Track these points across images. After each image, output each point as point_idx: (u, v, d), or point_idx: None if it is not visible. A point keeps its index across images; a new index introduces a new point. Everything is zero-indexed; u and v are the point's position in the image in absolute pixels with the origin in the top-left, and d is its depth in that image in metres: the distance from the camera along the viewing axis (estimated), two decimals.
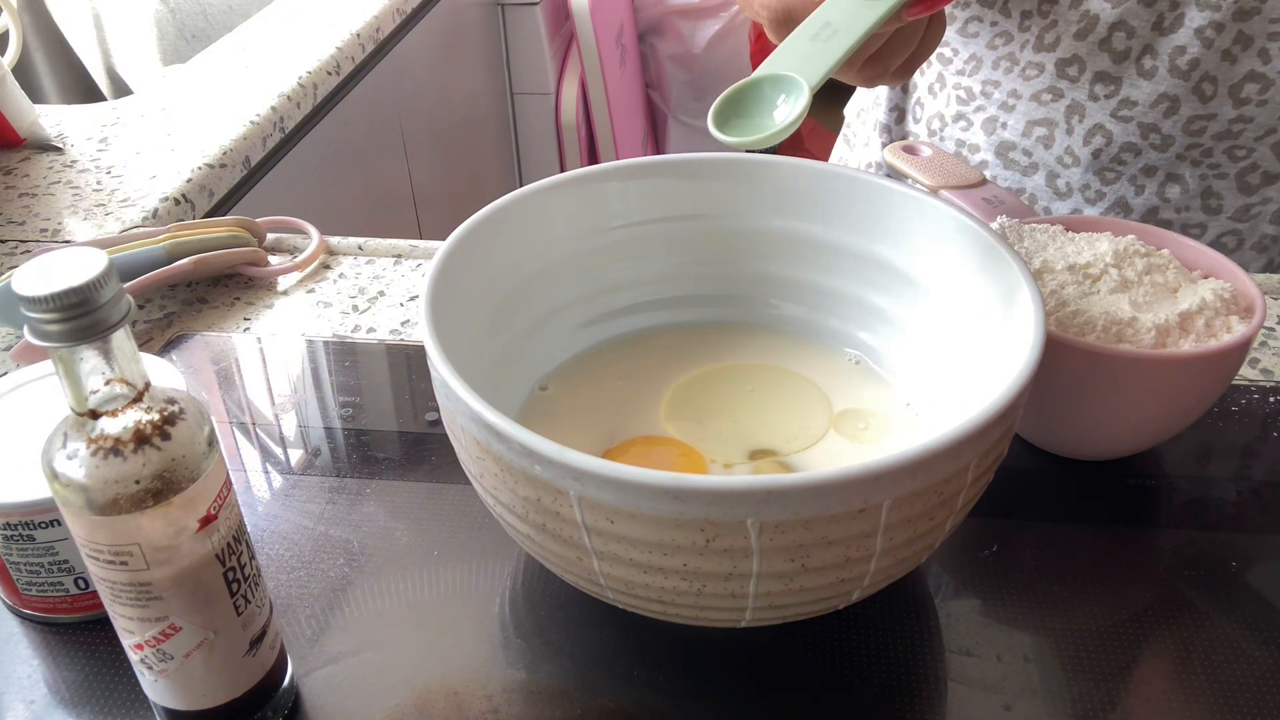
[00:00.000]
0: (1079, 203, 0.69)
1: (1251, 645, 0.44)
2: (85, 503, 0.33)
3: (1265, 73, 0.61)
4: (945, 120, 0.73)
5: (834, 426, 0.49)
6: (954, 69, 0.71)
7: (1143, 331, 0.47)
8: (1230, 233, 0.67)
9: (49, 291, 0.31)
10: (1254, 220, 0.66)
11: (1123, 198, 0.67)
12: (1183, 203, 0.66)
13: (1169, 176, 0.66)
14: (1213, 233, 0.67)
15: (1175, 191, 0.66)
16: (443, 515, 0.50)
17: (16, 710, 0.43)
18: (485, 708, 0.42)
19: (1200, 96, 0.62)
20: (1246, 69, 0.61)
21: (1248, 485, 0.52)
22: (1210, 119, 0.63)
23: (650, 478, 0.34)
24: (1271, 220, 0.66)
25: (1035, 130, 0.68)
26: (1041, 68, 0.66)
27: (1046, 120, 0.67)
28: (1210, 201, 0.66)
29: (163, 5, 1.33)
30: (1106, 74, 0.64)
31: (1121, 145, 0.65)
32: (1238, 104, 0.62)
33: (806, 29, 0.45)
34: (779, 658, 0.44)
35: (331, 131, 1.09)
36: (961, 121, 0.72)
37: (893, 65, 0.52)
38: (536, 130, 1.79)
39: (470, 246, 0.47)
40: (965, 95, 0.71)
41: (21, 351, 0.59)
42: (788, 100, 0.42)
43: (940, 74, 0.73)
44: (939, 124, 0.74)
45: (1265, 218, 0.66)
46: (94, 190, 0.79)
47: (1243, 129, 0.63)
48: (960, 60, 0.71)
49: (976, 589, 0.47)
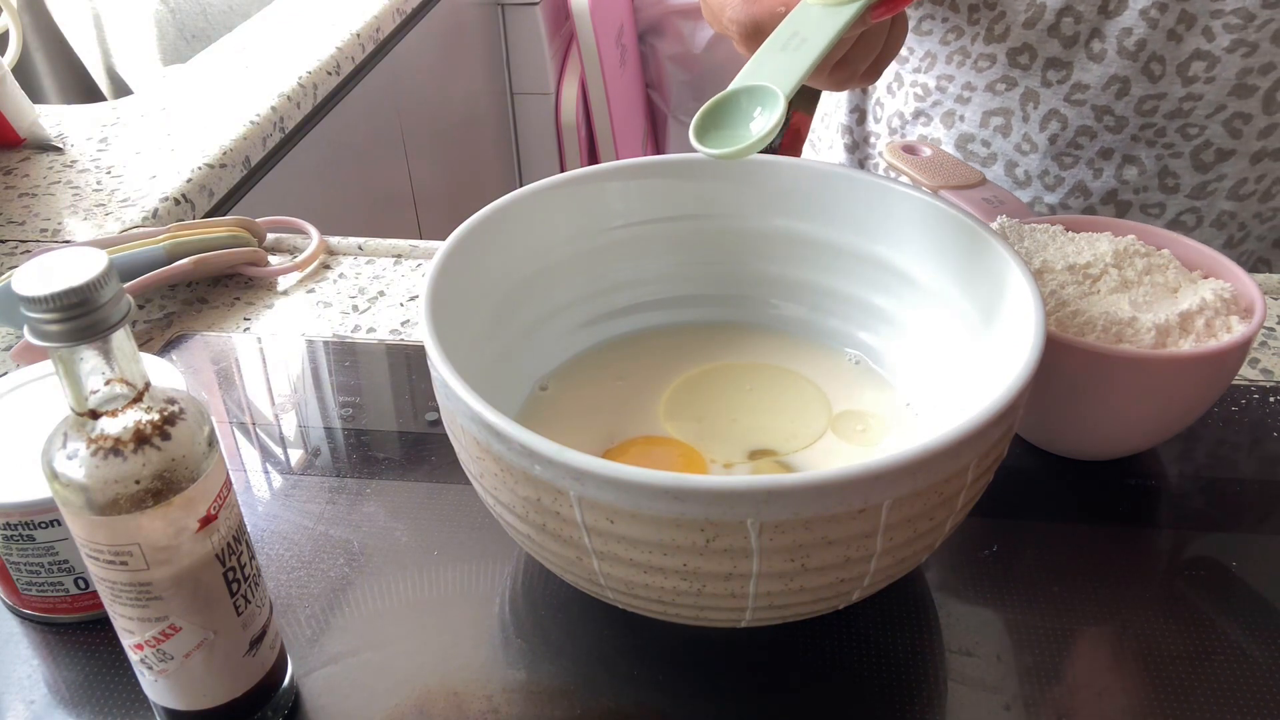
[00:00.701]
0: (1039, 190, 0.70)
1: (1251, 645, 0.44)
2: (85, 503, 0.33)
3: (1210, 50, 0.62)
4: (905, 118, 0.75)
5: (832, 428, 0.49)
6: (910, 67, 0.73)
7: (1143, 331, 0.47)
8: (1189, 210, 0.68)
9: (49, 291, 0.31)
10: (1211, 197, 0.67)
11: (1081, 182, 0.68)
12: (1140, 183, 0.68)
13: (1125, 158, 0.67)
14: (1171, 211, 0.68)
15: (1133, 173, 0.67)
16: (443, 515, 0.50)
17: (16, 710, 0.43)
18: (485, 708, 0.42)
19: (1150, 76, 0.63)
20: (1192, 47, 0.62)
21: (1248, 485, 0.52)
22: (1161, 98, 0.64)
23: (650, 478, 0.34)
24: (1228, 196, 0.67)
25: (992, 120, 0.69)
26: (993, 59, 0.67)
27: (1002, 110, 0.69)
28: (1167, 181, 0.67)
29: (163, 5, 1.33)
30: (1057, 59, 0.65)
31: (1077, 129, 0.67)
32: (1186, 82, 0.63)
33: (776, 40, 0.46)
34: (779, 658, 0.44)
35: (331, 131, 1.09)
36: (921, 118, 0.73)
37: (860, 68, 0.54)
38: (536, 130, 1.79)
39: (470, 246, 0.47)
40: (922, 92, 0.72)
41: (21, 351, 0.59)
42: (764, 111, 0.43)
43: (897, 73, 0.74)
44: (899, 122, 0.75)
45: (1222, 194, 0.67)
46: (94, 190, 0.79)
47: (1193, 107, 0.64)
48: (916, 58, 0.72)
49: (976, 589, 0.47)
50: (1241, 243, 0.70)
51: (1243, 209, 0.68)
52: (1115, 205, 0.69)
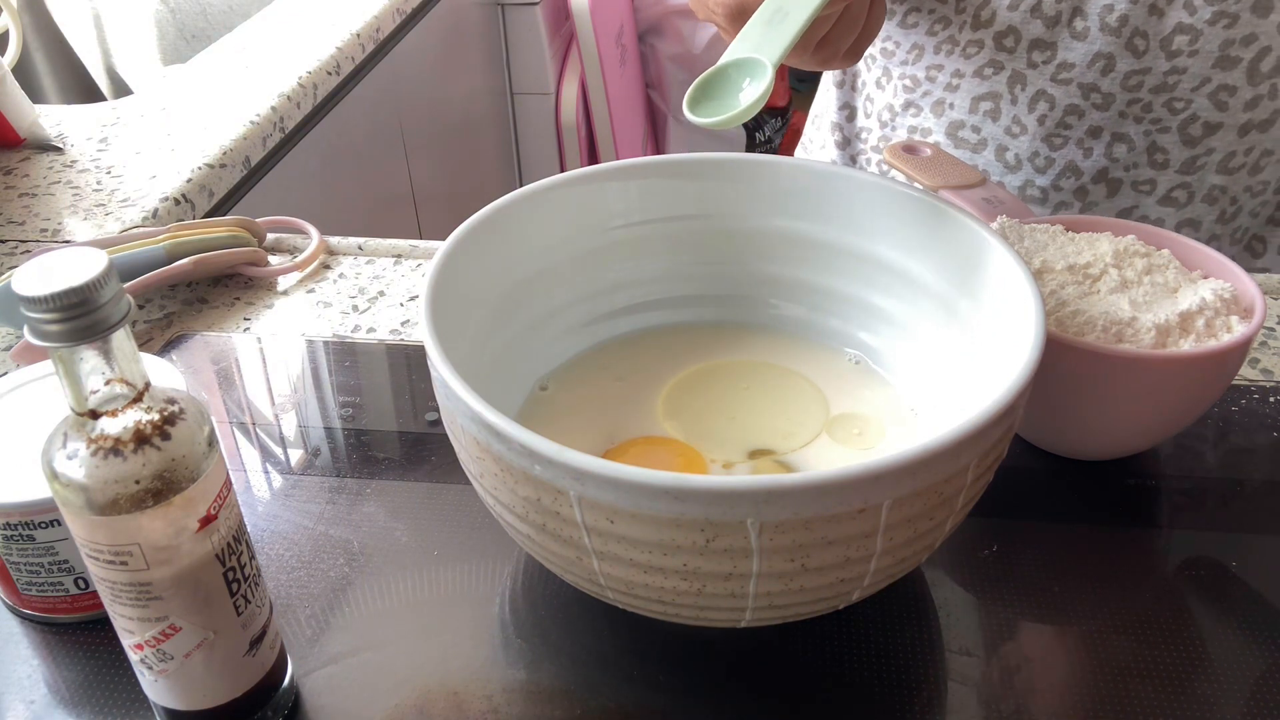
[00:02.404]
0: (1029, 174, 0.70)
1: (1251, 645, 0.44)
2: (85, 503, 0.33)
3: (1193, 24, 0.62)
4: (895, 110, 0.75)
5: (828, 433, 0.49)
6: (898, 60, 0.74)
7: (1143, 331, 0.47)
8: (1180, 186, 0.68)
9: (49, 291, 0.31)
10: (1201, 171, 0.68)
11: (1072, 161, 0.69)
12: (1130, 160, 0.68)
13: (1114, 136, 0.67)
14: (1163, 188, 0.69)
15: (1122, 150, 0.68)
16: (443, 515, 0.50)
17: (16, 710, 0.43)
18: (485, 708, 0.42)
19: (1134, 52, 0.64)
20: (1174, 21, 0.62)
21: (1248, 485, 0.52)
22: (1145, 73, 0.64)
23: (650, 478, 0.34)
24: (1218, 170, 0.68)
25: (981, 105, 0.70)
26: (981, 44, 0.68)
27: (991, 94, 0.69)
28: (1157, 156, 0.67)
29: (163, 5, 1.33)
30: (1041, 40, 0.66)
31: (1064, 108, 0.67)
32: (1170, 56, 0.63)
33: (761, 15, 0.49)
34: (779, 658, 0.44)
35: (331, 131, 1.09)
36: (911, 109, 0.74)
37: (842, 47, 0.56)
38: (536, 130, 1.79)
39: (470, 246, 0.47)
40: (911, 84, 0.73)
41: (21, 351, 0.59)
42: (752, 82, 0.46)
43: (885, 67, 0.75)
44: (889, 115, 0.76)
45: (1211, 168, 0.68)
46: (94, 190, 0.79)
47: (1178, 80, 0.64)
48: (903, 51, 0.73)
49: (976, 589, 0.47)
50: (1234, 218, 0.70)
51: (1233, 183, 0.68)
52: (1106, 184, 0.69)
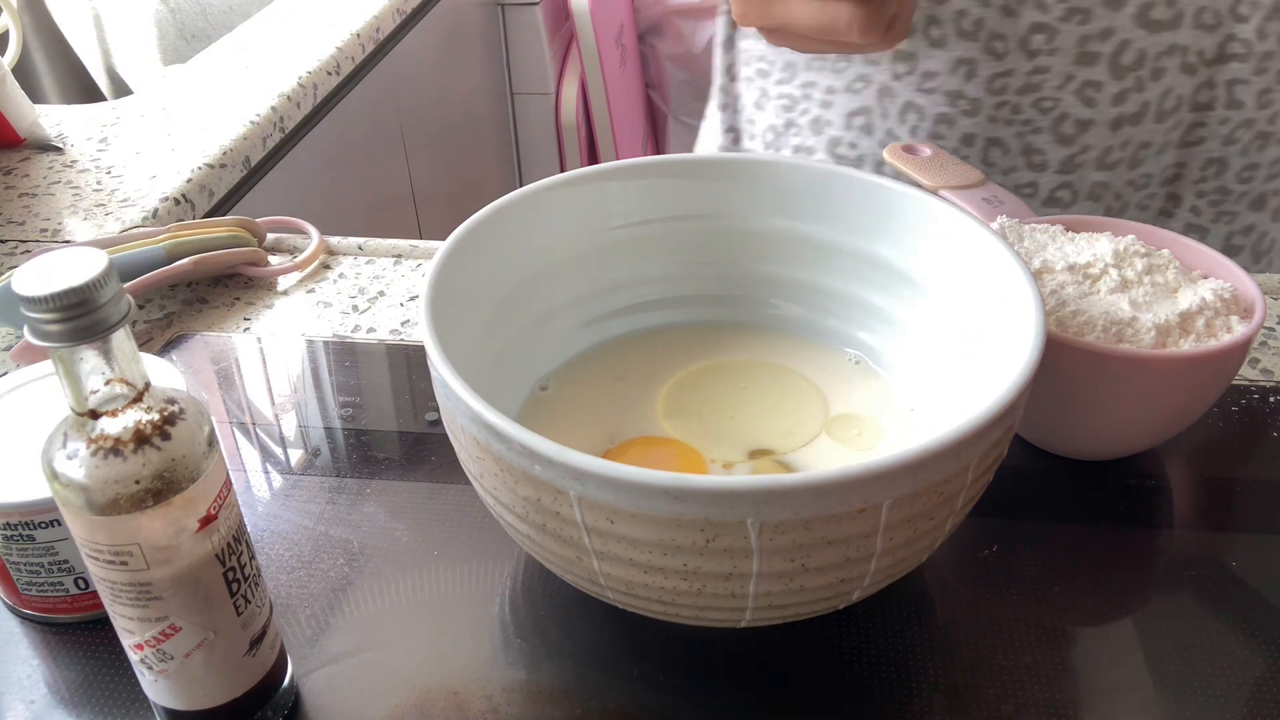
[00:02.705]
0: None
1: (1251, 645, 0.44)
2: (85, 503, 0.33)
3: (1047, 21, 0.62)
4: (778, 130, 0.75)
5: (827, 432, 0.49)
6: (774, 80, 0.73)
7: (1143, 331, 0.47)
8: (1062, 186, 0.68)
9: (49, 291, 0.31)
10: (1080, 170, 0.67)
11: None
12: (1008, 164, 0.68)
13: (989, 141, 0.67)
14: (1045, 189, 0.68)
15: (998, 154, 0.67)
16: (443, 515, 0.50)
17: (16, 710, 0.43)
18: (485, 708, 0.42)
19: (994, 54, 0.63)
20: (1029, 20, 0.62)
21: (1248, 485, 0.52)
22: (1009, 75, 0.64)
23: (650, 478, 0.34)
24: (1096, 167, 0.67)
25: (854, 120, 0.70)
26: (849, 58, 0.68)
27: (862, 109, 0.69)
28: (1034, 158, 0.67)
29: (163, 5, 1.33)
30: (902, 51, 0.66)
31: (934, 118, 0.67)
32: (1030, 56, 0.63)
33: None
34: (779, 658, 0.44)
35: (331, 131, 1.09)
36: (793, 129, 0.74)
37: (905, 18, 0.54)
38: (536, 130, 1.79)
39: (470, 246, 0.47)
40: (789, 102, 0.73)
41: (21, 351, 0.59)
42: None
43: (763, 88, 0.75)
44: (772, 135, 0.76)
45: (1090, 165, 0.67)
46: (94, 190, 0.79)
47: (1043, 80, 0.64)
48: (778, 70, 0.73)
49: (976, 589, 0.47)
50: (1121, 213, 0.70)
51: (1114, 178, 0.68)
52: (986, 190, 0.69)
